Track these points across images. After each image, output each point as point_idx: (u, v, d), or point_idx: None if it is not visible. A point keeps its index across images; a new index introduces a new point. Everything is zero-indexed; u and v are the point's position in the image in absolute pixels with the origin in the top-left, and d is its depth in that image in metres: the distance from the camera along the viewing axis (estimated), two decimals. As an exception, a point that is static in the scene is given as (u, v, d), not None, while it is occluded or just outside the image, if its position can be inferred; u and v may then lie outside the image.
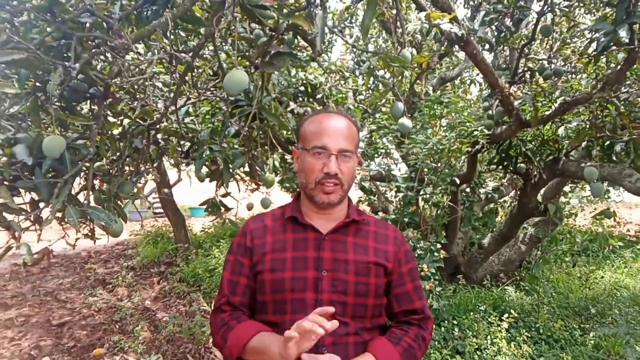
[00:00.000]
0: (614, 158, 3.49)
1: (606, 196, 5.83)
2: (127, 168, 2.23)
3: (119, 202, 2.16)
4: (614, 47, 2.78)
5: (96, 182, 2.23)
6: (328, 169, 1.21)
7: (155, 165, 2.61)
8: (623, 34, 2.51)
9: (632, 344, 3.54)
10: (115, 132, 2.12)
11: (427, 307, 1.34)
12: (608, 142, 3.48)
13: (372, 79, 4.02)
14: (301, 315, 1.10)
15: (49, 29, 1.51)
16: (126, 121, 2.33)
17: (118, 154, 2.02)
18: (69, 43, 1.49)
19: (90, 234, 2.24)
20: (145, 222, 8.79)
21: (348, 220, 1.28)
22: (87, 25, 1.52)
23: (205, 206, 3.02)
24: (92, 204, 1.89)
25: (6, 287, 5.42)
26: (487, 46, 3.28)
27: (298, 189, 1.38)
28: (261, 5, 1.52)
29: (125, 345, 3.78)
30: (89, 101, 1.92)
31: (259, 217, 1.37)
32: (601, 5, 3.27)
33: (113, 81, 1.62)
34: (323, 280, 1.20)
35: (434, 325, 1.30)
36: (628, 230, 8.72)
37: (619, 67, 2.90)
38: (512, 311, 3.68)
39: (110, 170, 2.00)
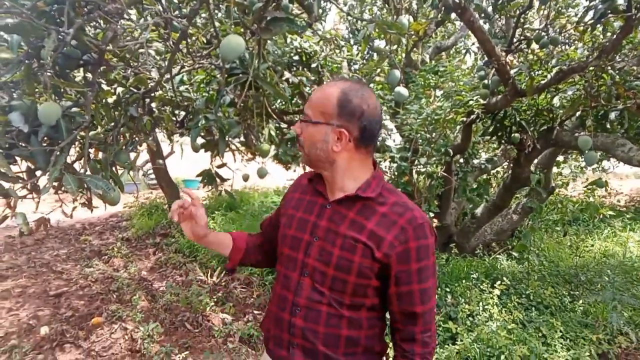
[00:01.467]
0: (608, 127, 3.51)
1: (599, 166, 5.88)
2: (122, 137, 2.22)
3: (114, 170, 2.15)
4: (610, 15, 2.77)
5: (91, 150, 2.22)
6: (292, 128, 1.33)
7: (150, 135, 2.59)
8: (620, 1, 2.50)
9: (619, 309, 3.64)
10: (110, 100, 2.09)
11: (432, 322, 1.24)
12: (602, 112, 3.49)
13: (367, 48, 3.98)
14: (291, 272, 1.28)
15: (40, -7, 1.47)
16: (120, 89, 2.31)
17: (113, 122, 2.00)
18: (61, 8, 1.46)
19: (87, 202, 2.24)
20: (139, 194, 8.77)
21: (351, 194, 1.24)
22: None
23: (200, 178, 3.02)
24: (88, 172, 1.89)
25: (1, 259, 5.43)
26: (483, 14, 3.24)
27: None
28: (258, -32, 1.49)
29: (123, 314, 3.83)
30: (82, 69, 1.89)
31: (306, 174, 1.47)
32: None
33: (107, 48, 1.59)
34: (313, 246, 1.25)
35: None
36: (618, 201, 8.84)
37: (615, 35, 2.89)
38: (504, 279, 3.76)
39: (106, 139, 1.98)
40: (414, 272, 1.19)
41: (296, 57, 3.39)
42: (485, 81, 3.53)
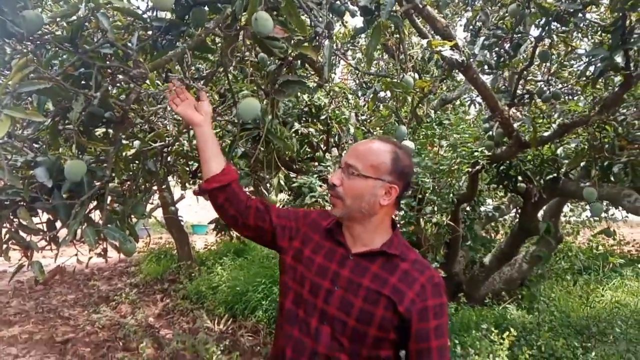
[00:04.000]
0: (612, 178, 3.55)
1: (608, 215, 5.88)
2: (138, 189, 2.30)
3: (130, 221, 2.22)
4: (610, 72, 2.87)
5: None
6: (330, 179, 1.31)
7: (164, 186, 2.68)
8: (619, 59, 2.59)
9: (632, 361, 3.57)
10: (128, 153, 2.19)
11: None
12: (607, 163, 3.55)
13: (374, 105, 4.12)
14: (309, 318, 1.27)
15: (69, 59, 1.59)
16: (136, 143, 2.41)
17: (131, 174, 2.09)
18: (89, 72, 1.57)
19: (102, 253, 2.29)
20: (148, 239, 8.81)
21: (376, 249, 1.29)
22: (107, 55, 1.60)
23: (210, 223, 3.09)
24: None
25: (9, 304, 5.44)
26: (487, 69, 3.37)
27: None
28: (272, 36, 1.60)
29: (129, 363, 3.81)
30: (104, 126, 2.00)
31: (321, 215, 1.47)
32: (598, 31, 3.37)
33: (130, 108, 1.70)
34: (334, 295, 1.26)
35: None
36: (629, 251, 8.74)
37: (616, 90, 2.99)
38: (513, 329, 3.71)
39: (124, 192, 2.06)
40: (432, 330, 1.22)
41: (306, 109, 3.52)
42: (490, 133, 3.62)
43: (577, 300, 5.21)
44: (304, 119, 3.55)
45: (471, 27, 3.38)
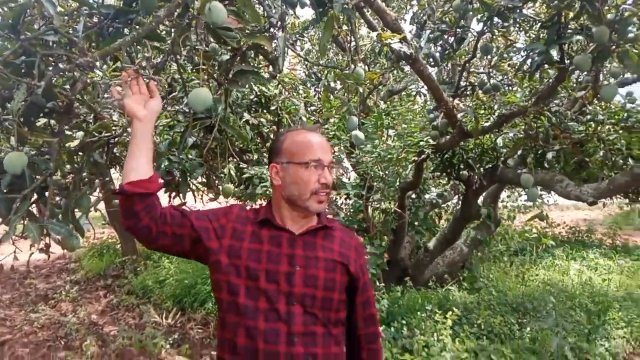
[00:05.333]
0: (546, 165, 3.79)
1: (540, 200, 6.26)
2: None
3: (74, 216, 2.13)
4: (546, 65, 3.05)
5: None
6: (326, 180, 1.36)
7: (108, 178, 2.59)
8: (554, 53, 2.76)
9: (562, 335, 3.85)
10: (72, 145, 2.09)
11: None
12: (541, 151, 3.77)
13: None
14: (276, 305, 1.29)
15: (9, 46, 1.50)
16: (80, 134, 2.31)
17: (76, 167, 2.00)
18: (31, 60, 1.49)
19: (45, 248, 2.19)
20: (89, 234, 8.46)
21: (320, 225, 1.41)
22: (51, 43, 1.52)
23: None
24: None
25: (-63, 306, 5.08)
26: (432, 62, 3.48)
27: (269, 199, 1.53)
28: (226, 27, 1.58)
29: (73, 362, 3.67)
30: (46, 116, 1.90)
31: (243, 209, 1.48)
32: (535, 26, 3.56)
33: (76, 98, 1.62)
34: (296, 275, 1.32)
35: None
36: (560, 232, 9.37)
37: (551, 82, 3.18)
38: (455, 309, 3.89)
39: (68, 185, 1.97)
40: (368, 282, 1.48)
41: (255, 99, 3.49)
42: (435, 123, 3.75)
43: (514, 279, 5.54)
44: (253, 109, 3.53)
45: (417, 20, 3.47)
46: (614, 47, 2.47)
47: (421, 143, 3.59)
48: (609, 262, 7.06)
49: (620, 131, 3.55)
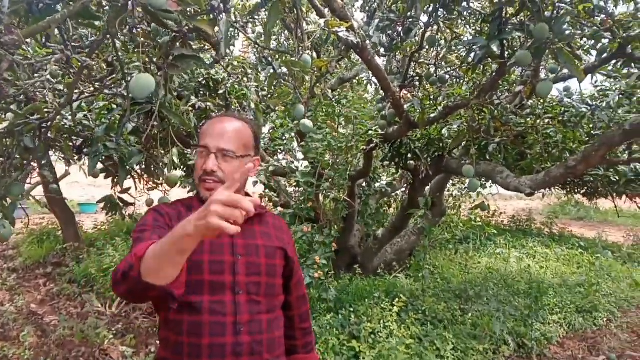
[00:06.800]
0: (488, 157, 3.93)
1: (482, 190, 6.50)
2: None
3: (4, 203, 2.02)
4: (488, 59, 3.14)
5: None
6: (206, 167, 1.32)
7: (43, 162, 2.47)
8: (495, 48, 2.84)
9: (502, 320, 4.04)
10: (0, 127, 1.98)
11: None
12: (483, 143, 3.90)
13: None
14: (221, 297, 1.27)
15: None
16: (10, 115, 2.18)
17: (5, 152, 1.90)
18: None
19: (-29, 236, 2.07)
20: (27, 220, 8.06)
21: (253, 213, 1.36)
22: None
23: (102, 203, 2.90)
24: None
25: None
26: (381, 51, 3.51)
27: None
28: (165, 9, 1.53)
29: (9, 352, 3.51)
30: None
31: (170, 204, 1.46)
32: (479, 20, 3.65)
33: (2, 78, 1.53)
34: (238, 264, 1.31)
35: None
36: (502, 221, 9.77)
37: (492, 76, 3.28)
38: (402, 296, 4.00)
39: (-4, 170, 1.87)
40: (297, 262, 1.52)
41: (203, 82, 3.41)
42: (384, 113, 3.80)
43: (458, 267, 5.75)
44: (201, 92, 3.44)
45: (367, 8, 3.48)
46: (549, 44, 2.56)
47: (370, 132, 3.64)
48: (547, 250, 7.46)
49: (557, 125, 3.72)
